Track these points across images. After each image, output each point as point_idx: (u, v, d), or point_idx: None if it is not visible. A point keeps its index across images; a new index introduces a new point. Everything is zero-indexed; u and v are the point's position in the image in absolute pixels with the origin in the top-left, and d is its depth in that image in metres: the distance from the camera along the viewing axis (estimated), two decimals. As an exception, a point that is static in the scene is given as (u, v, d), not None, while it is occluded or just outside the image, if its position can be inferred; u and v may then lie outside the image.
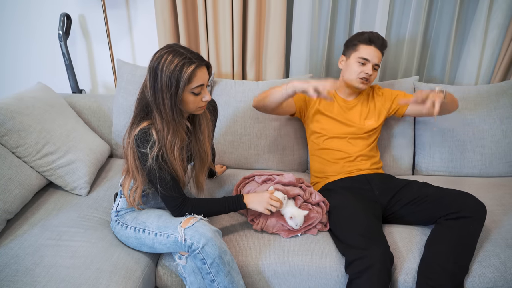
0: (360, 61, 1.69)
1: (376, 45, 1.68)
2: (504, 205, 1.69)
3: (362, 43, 1.70)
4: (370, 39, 1.68)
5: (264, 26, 2.11)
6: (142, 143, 1.28)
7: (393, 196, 1.61)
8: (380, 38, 1.69)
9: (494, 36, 2.09)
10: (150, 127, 1.29)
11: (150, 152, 1.27)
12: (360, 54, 1.69)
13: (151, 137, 1.28)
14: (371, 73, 1.69)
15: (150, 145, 1.28)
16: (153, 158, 1.28)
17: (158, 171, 1.30)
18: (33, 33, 2.29)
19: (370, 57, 1.68)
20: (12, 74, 2.41)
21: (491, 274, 1.39)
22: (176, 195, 1.35)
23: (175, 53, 1.24)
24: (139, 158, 1.31)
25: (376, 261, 1.31)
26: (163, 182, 1.31)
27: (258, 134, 1.98)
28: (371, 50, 1.68)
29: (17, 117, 1.59)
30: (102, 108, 2.09)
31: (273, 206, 1.43)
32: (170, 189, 1.33)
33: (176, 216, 1.37)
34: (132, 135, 1.30)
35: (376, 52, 1.68)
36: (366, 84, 1.72)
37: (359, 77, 1.71)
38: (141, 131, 1.28)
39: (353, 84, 1.74)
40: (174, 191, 1.34)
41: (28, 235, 1.43)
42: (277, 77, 2.18)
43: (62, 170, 1.67)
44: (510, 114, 1.96)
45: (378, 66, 1.71)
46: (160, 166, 1.30)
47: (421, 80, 2.27)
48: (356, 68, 1.71)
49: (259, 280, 1.44)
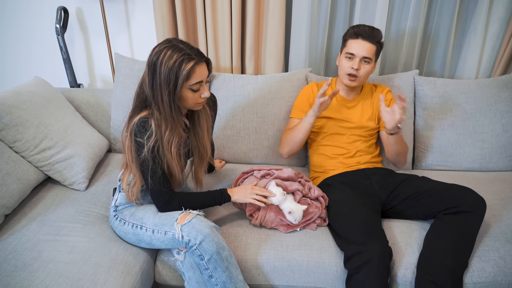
0: (347, 56, 1.67)
1: (363, 37, 1.63)
2: (503, 199, 1.69)
3: (349, 37, 1.67)
4: (356, 32, 1.64)
5: (263, 19, 2.09)
6: (140, 132, 1.27)
7: (393, 190, 1.60)
8: (368, 29, 1.63)
9: (495, 30, 2.08)
10: (149, 117, 1.28)
11: (146, 142, 1.27)
12: (347, 49, 1.67)
13: (149, 127, 1.27)
14: (357, 67, 1.64)
15: (148, 135, 1.27)
16: (148, 149, 1.27)
17: (151, 163, 1.29)
18: (30, 27, 2.28)
19: (356, 51, 1.64)
20: (9, 68, 2.39)
21: (490, 268, 1.39)
22: (165, 190, 1.34)
23: (175, 48, 1.23)
24: (134, 148, 1.30)
25: (374, 256, 1.31)
26: (154, 175, 1.30)
27: (257, 128, 1.97)
28: (358, 43, 1.63)
29: (15, 111, 1.58)
30: (100, 102, 2.08)
31: (257, 194, 1.42)
32: (160, 183, 1.32)
33: (162, 211, 1.37)
34: (130, 128, 1.29)
35: (363, 45, 1.63)
36: (355, 81, 1.68)
37: (346, 73, 1.68)
38: (140, 120, 1.27)
39: (342, 80, 1.72)
40: (163, 186, 1.33)
41: (26, 230, 1.42)
42: (276, 71, 2.16)
43: (60, 165, 1.67)
44: (510, 108, 1.95)
45: (369, 58, 1.64)
46: (154, 158, 1.29)
47: (421, 74, 2.25)
48: (344, 64, 1.69)
49: (258, 275, 1.44)
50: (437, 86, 1.98)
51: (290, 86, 1.98)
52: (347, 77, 1.68)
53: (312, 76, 2.02)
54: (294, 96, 1.95)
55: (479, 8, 2.05)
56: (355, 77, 1.67)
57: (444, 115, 1.96)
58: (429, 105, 1.97)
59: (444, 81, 2.00)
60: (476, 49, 2.12)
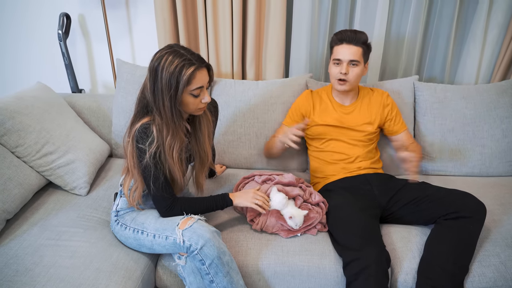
0: (335, 62, 1.69)
1: (347, 41, 1.64)
2: (504, 204, 1.69)
3: (334, 44, 1.70)
4: (339, 38, 1.66)
5: (264, 25, 2.11)
6: (141, 138, 1.28)
7: (393, 196, 1.61)
8: (350, 33, 1.65)
9: (494, 36, 2.09)
10: (151, 123, 1.28)
11: (148, 149, 1.27)
12: (333, 56, 1.70)
13: (151, 133, 1.28)
14: (344, 71, 1.65)
15: (150, 141, 1.28)
16: (150, 155, 1.27)
17: (153, 169, 1.29)
18: (32, 33, 2.29)
19: (341, 56, 1.66)
20: (12, 73, 2.40)
21: (491, 273, 1.39)
22: (167, 195, 1.34)
23: (176, 54, 1.24)
24: (136, 155, 1.31)
25: (371, 262, 1.30)
26: (157, 181, 1.31)
27: (258, 133, 1.98)
28: (343, 48, 1.65)
29: (17, 116, 1.59)
30: (101, 107, 2.09)
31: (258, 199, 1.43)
32: (162, 189, 1.32)
33: (164, 216, 1.37)
34: (132, 133, 1.30)
35: (348, 49, 1.64)
36: (344, 85, 1.69)
37: (336, 79, 1.70)
38: (142, 126, 1.28)
39: (334, 87, 1.74)
40: (165, 192, 1.34)
41: (28, 235, 1.43)
42: (276, 76, 2.17)
43: (61, 170, 1.67)
44: (510, 114, 1.95)
45: (356, 61, 1.65)
46: (156, 164, 1.30)
47: (421, 80, 2.26)
48: (333, 70, 1.71)
49: (258, 280, 1.44)
50: (437, 91, 1.99)
51: (290, 91, 1.98)
52: (337, 82, 1.70)
53: (313, 82, 2.03)
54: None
55: (478, 14, 2.06)
56: (344, 81, 1.69)
57: (444, 120, 1.96)
58: (429, 111, 1.97)
59: (444, 87, 2.01)
60: (475, 55, 2.13)
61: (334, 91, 1.82)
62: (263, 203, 1.44)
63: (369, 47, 1.70)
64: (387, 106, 1.80)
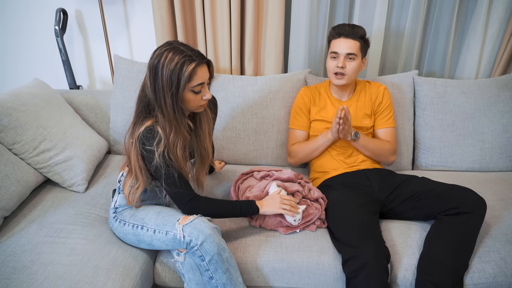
0: (332, 56, 1.69)
1: (344, 35, 1.64)
2: (504, 200, 1.68)
3: (332, 38, 1.69)
4: (337, 32, 1.66)
5: (262, 20, 2.09)
6: (148, 140, 1.27)
7: (393, 191, 1.60)
8: (348, 27, 1.64)
9: (495, 30, 2.08)
10: (155, 125, 1.28)
11: (156, 149, 1.26)
12: (331, 49, 1.70)
13: (157, 134, 1.27)
14: (341, 65, 1.65)
15: (157, 141, 1.27)
16: (159, 155, 1.26)
17: (164, 168, 1.28)
18: (29, 29, 2.27)
19: (338, 49, 1.65)
20: (8, 70, 2.39)
21: (491, 269, 1.38)
22: (184, 191, 1.32)
23: (175, 50, 1.23)
24: (143, 157, 1.30)
25: (370, 259, 1.30)
26: (169, 179, 1.29)
27: (257, 129, 1.97)
28: (340, 42, 1.65)
29: (14, 113, 1.57)
30: (99, 104, 2.08)
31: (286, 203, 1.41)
32: (177, 185, 1.31)
33: (186, 213, 1.35)
34: (136, 134, 1.29)
35: (345, 42, 1.64)
36: (342, 79, 1.68)
37: (333, 73, 1.69)
38: (147, 129, 1.27)
39: (331, 81, 1.73)
40: (182, 187, 1.32)
41: (25, 232, 1.42)
42: (275, 72, 2.16)
43: (59, 167, 1.66)
44: (510, 108, 1.94)
45: (353, 55, 1.65)
46: (167, 162, 1.28)
47: (421, 74, 2.25)
48: (330, 64, 1.70)
49: (257, 277, 1.43)
50: (436, 86, 1.98)
51: (289, 87, 1.97)
52: (334, 76, 1.70)
53: (311, 77, 2.01)
54: (294, 97, 1.95)
55: (478, 8, 2.05)
56: (342, 75, 1.68)
57: (444, 115, 1.95)
58: (428, 106, 1.96)
59: (444, 81, 2.00)
60: (475, 49, 2.12)
61: (332, 87, 1.81)
62: (291, 207, 1.42)
63: (367, 42, 1.70)
64: (377, 99, 1.79)
